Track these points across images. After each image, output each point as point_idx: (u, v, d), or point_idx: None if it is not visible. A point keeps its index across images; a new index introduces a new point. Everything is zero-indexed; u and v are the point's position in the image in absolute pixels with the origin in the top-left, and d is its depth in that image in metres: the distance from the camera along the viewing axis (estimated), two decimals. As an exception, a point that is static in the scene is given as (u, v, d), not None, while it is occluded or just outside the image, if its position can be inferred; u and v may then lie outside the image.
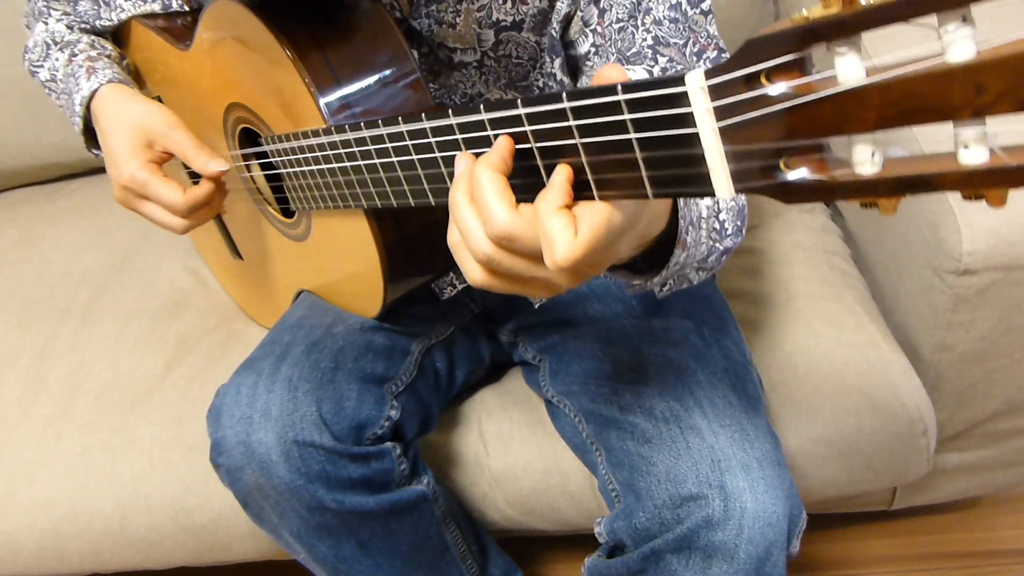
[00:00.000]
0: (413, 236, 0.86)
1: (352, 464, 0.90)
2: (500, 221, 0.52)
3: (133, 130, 0.91)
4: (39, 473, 1.18)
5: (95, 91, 0.96)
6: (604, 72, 0.51)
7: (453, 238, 0.56)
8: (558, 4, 0.85)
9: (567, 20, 0.87)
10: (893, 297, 1.17)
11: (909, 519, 1.43)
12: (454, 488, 1.13)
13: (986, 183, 0.33)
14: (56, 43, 1.03)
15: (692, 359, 0.94)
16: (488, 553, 1.15)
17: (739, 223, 0.77)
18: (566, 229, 0.49)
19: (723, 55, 0.84)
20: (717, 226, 0.74)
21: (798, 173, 0.39)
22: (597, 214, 0.50)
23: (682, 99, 0.41)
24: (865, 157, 0.37)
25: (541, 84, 0.92)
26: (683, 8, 0.82)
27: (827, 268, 1.22)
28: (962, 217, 0.96)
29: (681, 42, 0.82)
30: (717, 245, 0.75)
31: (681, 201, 0.66)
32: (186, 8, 1.03)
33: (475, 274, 0.56)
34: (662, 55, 0.82)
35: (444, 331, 1.07)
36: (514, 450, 1.12)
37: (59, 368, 1.30)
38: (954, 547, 1.41)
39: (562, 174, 0.51)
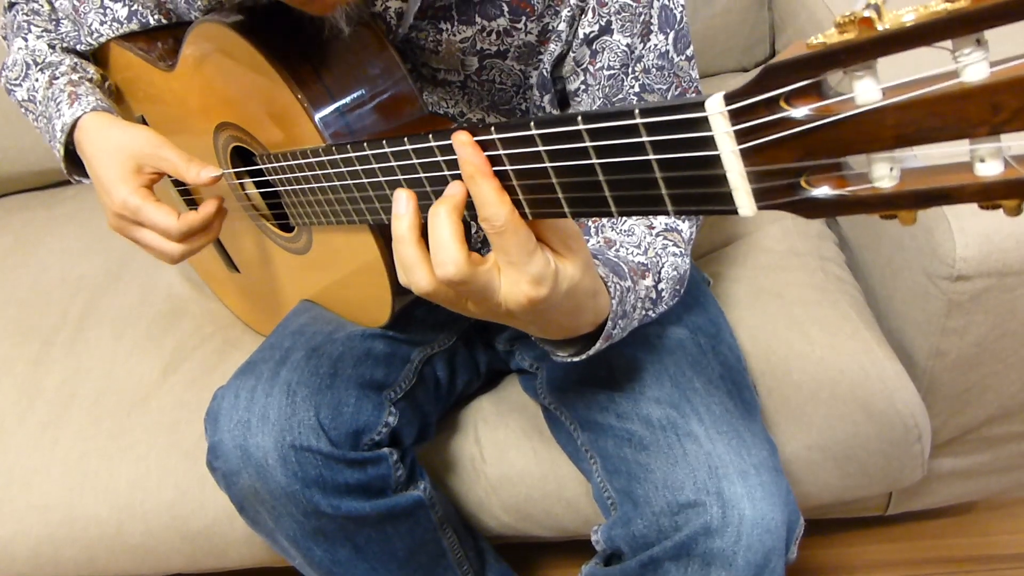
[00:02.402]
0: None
1: (349, 469, 0.90)
2: (455, 268, 0.57)
3: (120, 156, 0.90)
4: (35, 479, 1.18)
5: (77, 119, 0.95)
6: None
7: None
8: (551, 45, 0.86)
9: (559, 59, 0.88)
10: (887, 303, 1.17)
11: (905, 524, 1.44)
12: (451, 494, 1.13)
13: (1001, 194, 0.34)
14: (36, 63, 1.02)
15: (688, 366, 0.94)
16: (485, 559, 1.15)
17: (678, 287, 0.84)
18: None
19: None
20: (654, 295, 0.78)
21: (819, 190, 0.40)
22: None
23: (702, 123, 0.42)
24: (884, 173, 0.37)
25: (524, 108, 0.93)
26: (670, 56, 0.85)
27: (822, 274, 1.22)
28: (955, 223, 0.96)
29: (664, 87, 0.86)
30: (651, 313, 0.80)
31: (615, 304, 0.71)
32: (164, 22, 1.01)
33: (452, 268, 0.59)
34: (645, 101, 0.85)
35: (446, 341, 1.08)
36: (510, 457, 1.12)
37: (55, 374, 1.30)
38: (950, 552, 1.42)
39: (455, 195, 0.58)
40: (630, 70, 0.84)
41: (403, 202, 0.61)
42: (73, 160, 1.00)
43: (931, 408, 1.12)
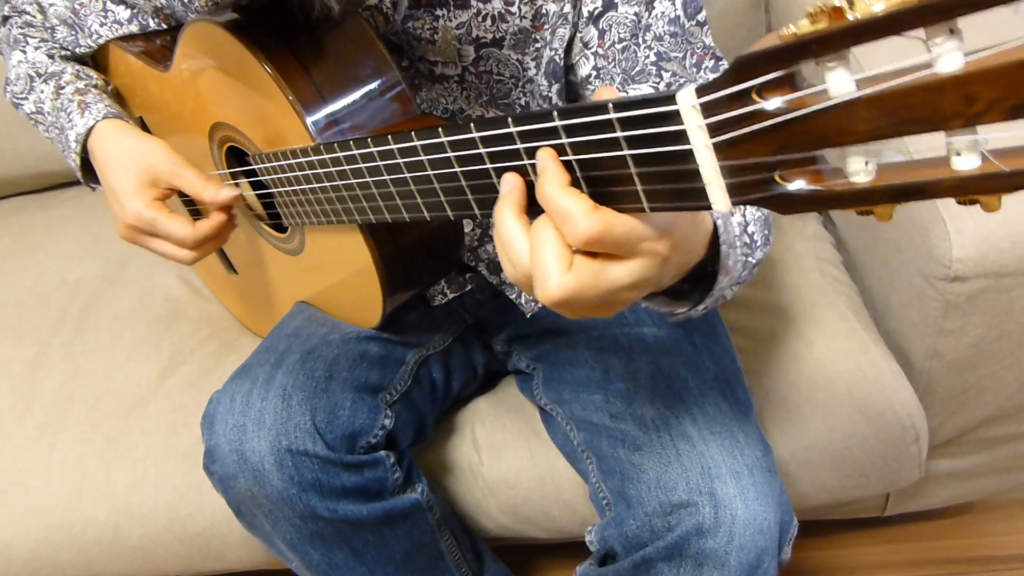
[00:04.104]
0: (409, 245, 0.86)
1: (345, 473, 0.90)
2: (590, 221, 0.48)
3: (136, 168, 0.91)
4: (32, 482, 1.18)
5: (91, 128, 0.95)
6: (601, 94, 0.49)
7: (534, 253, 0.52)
8: (560, 30, 0.85)
9: (570, 44, 0.87)
10: (884, 304, 1.17)
11: (902, 525, 1.44)
12: (448, 496, 1.13)
13: (979, 189, 0.34)
14: (40, 75, 1.02)
15: (683, 367, 0.94)
16: (483, 560, 1.15)
17: (766, 232, 0.75)
18: (580, 200, 0.48)
19: (720, 63, 0.85)
20: (747, 240, 0.71)
21: (794, 185, 0.40)
22: (623, 216, 0.49)
23: (674, 117, 0.42)
24: (859, 167, 0.37)
25: (524, 103, 0.93)
26: (681, 21, 0.83)
27: (819, 275, 1.22)
28: (952, 224, 0.96)
29: (680, 55, 0.83)
30: (750, 259, 0.72)
31: (720, 225, 0.64)
32: (164, 26, 1.02)
33: (556, 290, 0.51)
34: (665, 71, 0.83)
35: (441, 342, 1.08)
36: (507, 458, 1.12)
37: (53, 377, 1.30)
38: (947, 553, 1.41)
39: (547, 152, 0.50)
40: (640, 40, 0.82)
41: (507, 183, 0.54)
42: (89, 168, 1.00)
43: (928, 409, 1.12)
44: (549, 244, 0.50)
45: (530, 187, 0.53)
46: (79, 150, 0.97)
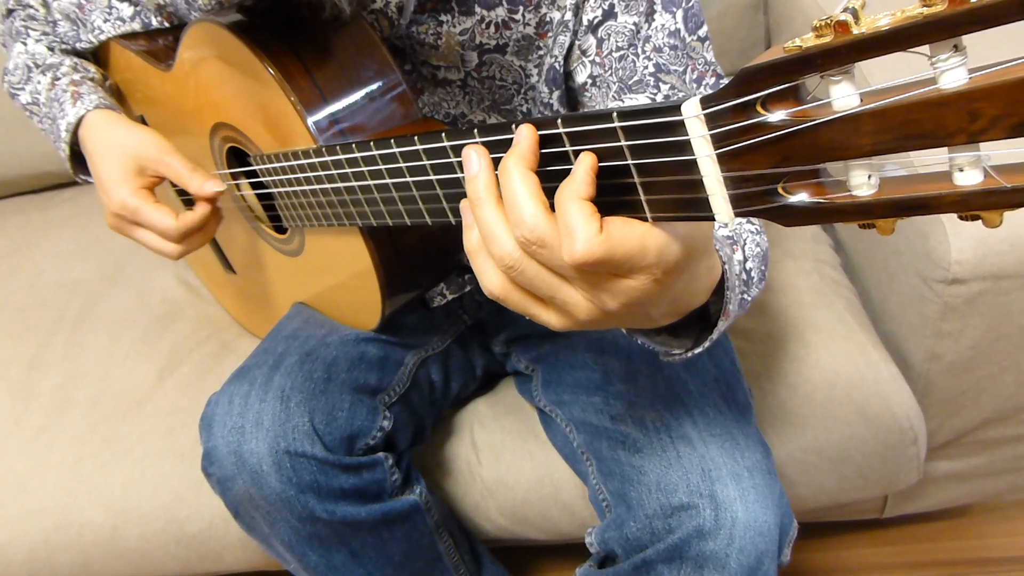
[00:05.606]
0: (408, 248, 0.86)
1: (344, 474, 0.90)
2: (532, 222, 0.47)
3: (123, 156, 0.90)
4: (30, 484, 1.18)
5: (82, 117, 0.95)
6: None
7: (471, 242, 0.52)
8: (560, 38, 0.85)
9: (569, 50, 0.87)
10: (883, 306, 1.17)
11: (900, 527, 1.44)
12: (446, 497, 1.13)
13: (981, 205, 0.34)
14: (38, 66, 1.02)
15: (682, 368, 0.94)
16: (482, 562, 1.15)
17: (763, 268, 0.74)
18: (590, 221, 0.45)
19: (721, 81, 0.85)
20: (745, 276, 0.70)
21: (797, 197, 0.40)
22: (632, 228, 0.46)
23: (679, 127, 0.42)
24: (862, 181, 0.37)
25: (526, 109, 0.93)
26: (682, 35, 0.83)
27: (817, 277, 1.22)
28: (951, 227, 0.96)
29: (681, 69, 0.83)
30: (745, 296, 0.71)
31: (727, 271, 0.62)
32: (166, 24, 1.02)
33: (493, 283, 0.52)
34: (664, 82, 0.83)
35: (440, 344, 1.07)
36: (506, 459, 1.12)
37: (51, 378, 1.30)
38: (945, 555, 1.41)
39: (585, 162, 0.47)
40: (639, 49, 0.82)
41: (474, 161, 0.51)
42: (79, 160, 1.00)
43: (927, 411, 1.12)
44: (576, 204, 0.46)
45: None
46: (68, 139, 0.96)
